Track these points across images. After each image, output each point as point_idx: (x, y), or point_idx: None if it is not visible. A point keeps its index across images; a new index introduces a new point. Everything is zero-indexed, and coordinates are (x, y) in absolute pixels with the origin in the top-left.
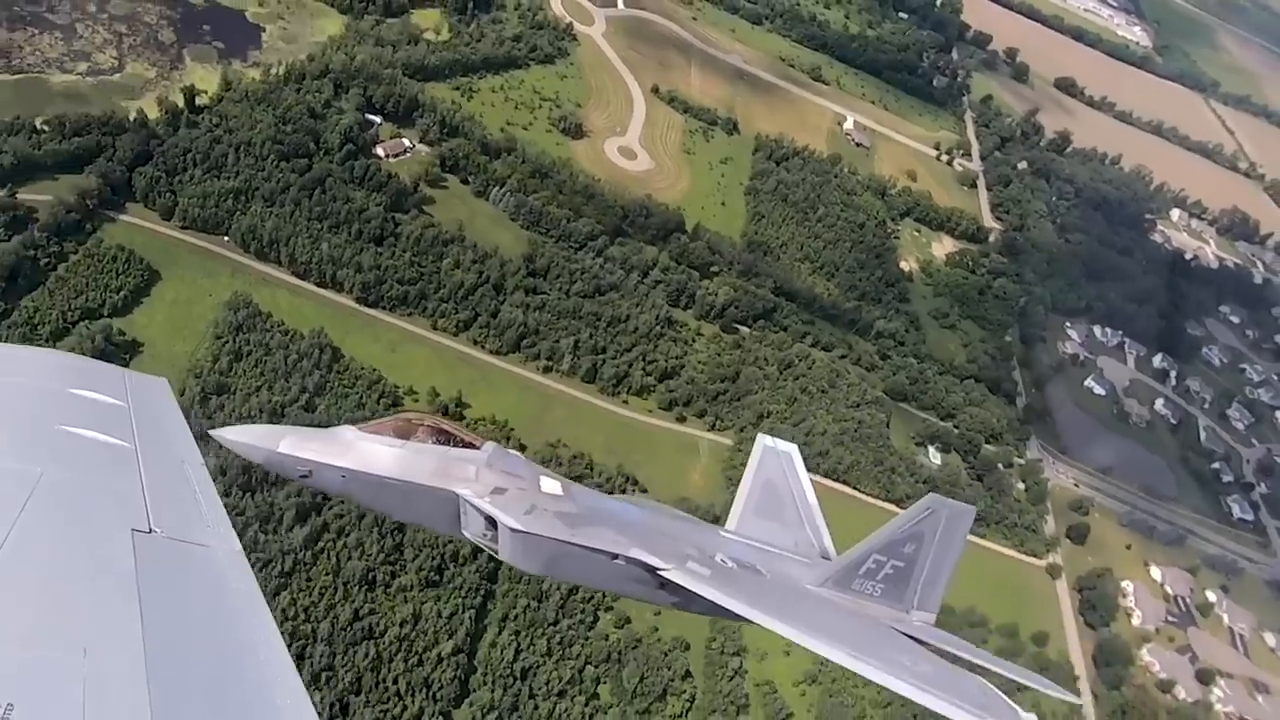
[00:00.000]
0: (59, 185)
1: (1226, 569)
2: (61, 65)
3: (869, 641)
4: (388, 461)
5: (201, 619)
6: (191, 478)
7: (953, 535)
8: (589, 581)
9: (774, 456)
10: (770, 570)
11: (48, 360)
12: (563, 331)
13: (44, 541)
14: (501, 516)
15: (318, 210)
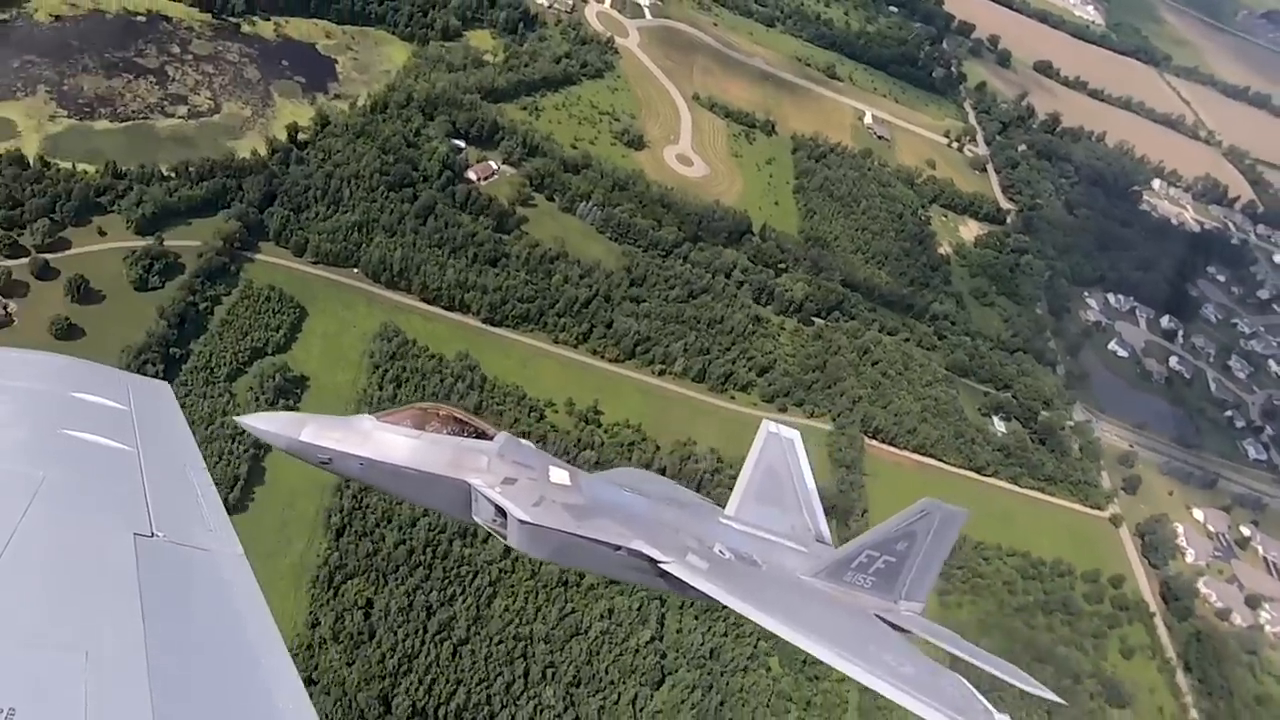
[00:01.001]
0: (195, 230)
1: (1253, 505)
2: (163, 110)
3: (856, 639)
4: (403, 451)
5: (203, 623)
6: (194, 482)
7: (944, 536)
8: (594, 569)
9: (777, 442)
10: (766, 561)
11: (50, 364)
12: (670, 336)
13: (46, 545)
14: (511, 507)
15: (436, 237)
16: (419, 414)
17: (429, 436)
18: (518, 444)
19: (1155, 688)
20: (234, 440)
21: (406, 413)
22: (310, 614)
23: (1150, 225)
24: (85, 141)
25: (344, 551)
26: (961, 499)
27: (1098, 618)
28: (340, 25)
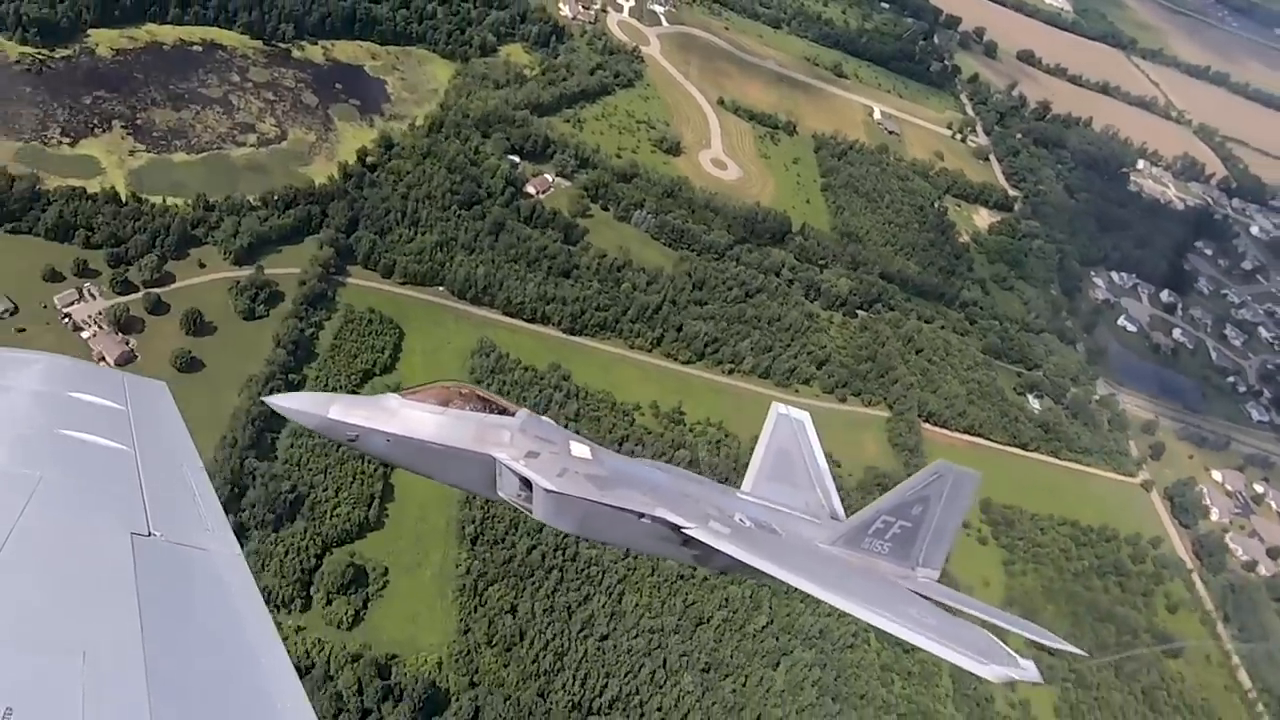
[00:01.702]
0: (286, 257)
1: (1262, 464)
2: (234, 139)
3: (878, 595)
4: (429, 427)
5: (201, 622)
6: (191, 481)
7: (958, 499)
8: (617, 540)
9: (787, 424)
10: (785, 530)
11: (46, 364)
12: (736, 336)
13: (43, 545)
14: (536, 478)
15: (511, 252)
16: (443, 391)
17: (453, 413)
18: (538, 420)
19: (1199, 638)
20: (365, 460)
21: (431, 390)
22: (461, 621)
23: (1142, 205)
24: (167, 174)
25: (482, 560)
26: (1011, 474)
27: (1144, 577)
28: (383, 46)
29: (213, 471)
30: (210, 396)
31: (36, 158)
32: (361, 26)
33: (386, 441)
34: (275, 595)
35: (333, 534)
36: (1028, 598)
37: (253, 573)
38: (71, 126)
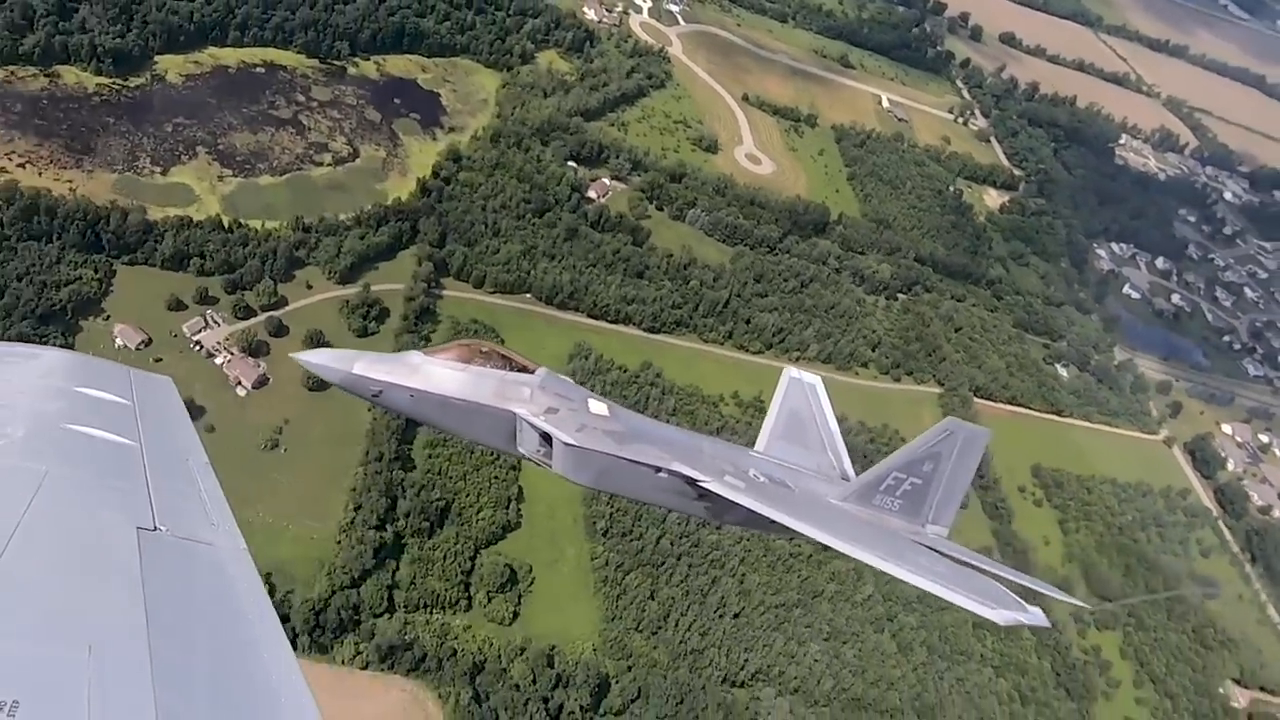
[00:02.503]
0: (384, 274)
1: (1264, 415)
2: (310, 159)
3: (890, 546)
4: (452, 383)
5: (206, 617)
6: (196, 476)
7: (967, 457)
8: (635, 493)
9: (799, 387)
10: (798, 486)
11: (53, 358)
12: (799, 325)
13: (49, 539)
14: (556, 433)
15: (589, 256)
16: (464, 349)
17: (475, 369)
18: (557, 378)
19: (1231, 579)
20: (499, 464)
21: (452, 348)
22: (606, 609)
23: (1131, 178)
24: (256, 198)
25: (615, 551)
26: (1053, 440)
27: (1178, 526)
28: (431, 58)
29: (367, 486)
30: (344, 413)
31: (133, 188)
32: (410, 40)
33: (410, 397)
34: (442, 598)
35: (481, 537)
36: (1084, 553)
37: (423, 576)
38: (160, 155)
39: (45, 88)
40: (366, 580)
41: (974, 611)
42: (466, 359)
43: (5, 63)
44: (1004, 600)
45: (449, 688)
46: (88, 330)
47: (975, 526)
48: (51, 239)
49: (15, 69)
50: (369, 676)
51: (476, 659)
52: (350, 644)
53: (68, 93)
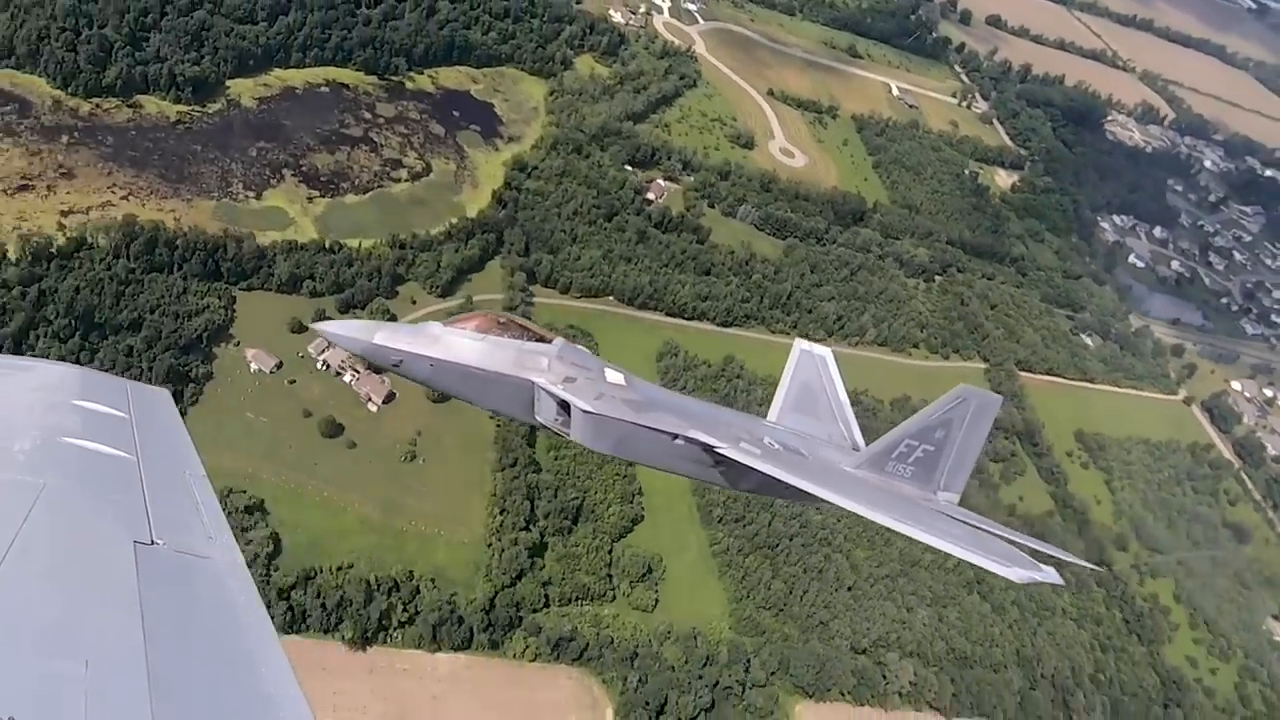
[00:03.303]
0: (476, 285)
1: (1265, 371)
2: (389, 175)
3: (907, 509)
4: (471, 353)
5: (203, 630)
6: (194, 489)
7: (979, 423)
8: (652, 461)
9: (809, 359)
10: (812, 454)
11: (50, 371)
12: (855, 312)
13: (46, 553)
14: (575, 400)
15: (663, 257)
16: (483, 319)
17: (493, 339)
18: (574, 348)
19: (1258, 525)
20: (619, 463)
21: (471, 319)
22: (733, 591)
23: (1123, 152)
24: (346, 217)
25: (733, 536)
26: (1088, 405)
27: (1206, 479)
28: (479, 69)
29: (508, 490)
30: (469, 423)
31: (231, 214)
32: (459, 53)
33: (430, 366)
34: (590, 590)
35: (613, 531)
36: (1132, 509)
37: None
38: (250, 180)
39: (131, 119)
40: (522, 579)
41: (992, 571)
42: (485, 329)
43: (89, 95)
44: (1019, 560)
45: (612, 673)
46: (221, 357)
47: (1035, 492)
48: (173, 270)
49: (99, 101)
50: (539, 668)
51: (630, 645)
52: (520, 639)
53: (152, 122)
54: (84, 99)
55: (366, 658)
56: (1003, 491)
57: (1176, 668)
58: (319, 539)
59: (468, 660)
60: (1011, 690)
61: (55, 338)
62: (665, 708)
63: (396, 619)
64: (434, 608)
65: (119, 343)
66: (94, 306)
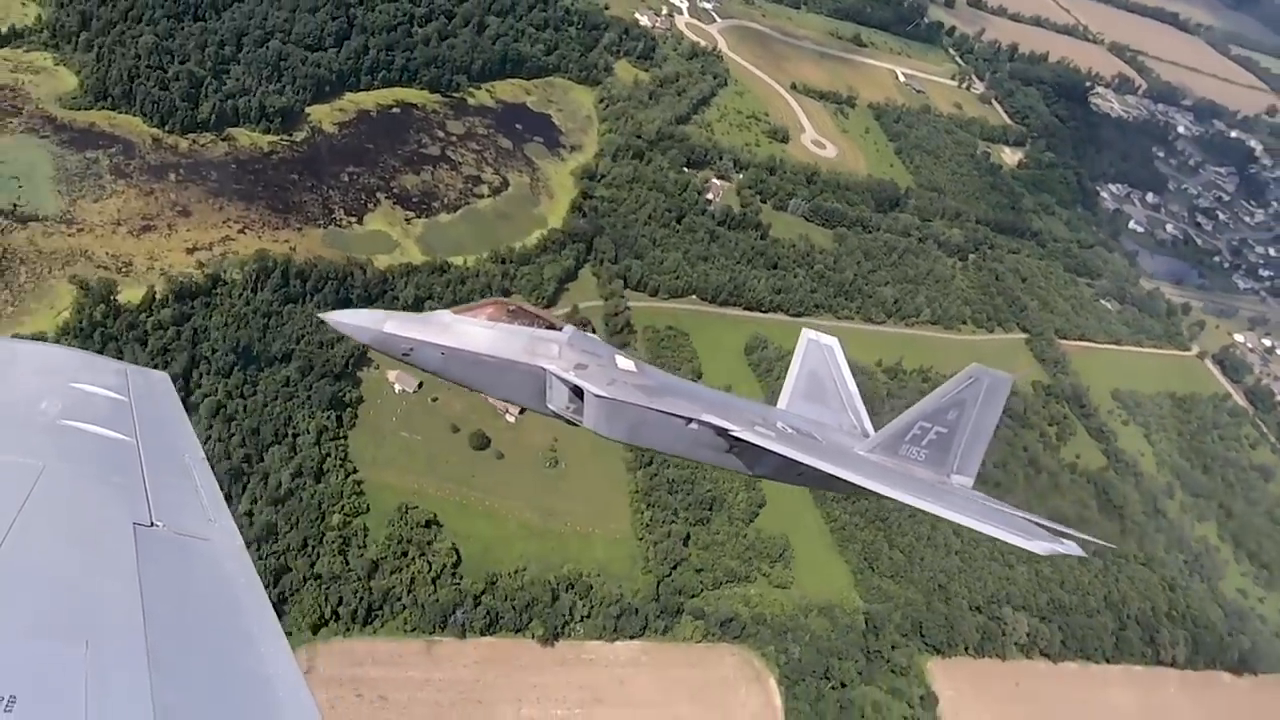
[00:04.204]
0: (573, 294)
1: (1260, 323)
2: (472, 192)
3: (924, 486)
4: (482, 341)
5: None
6: (193, 472)
7: (992, 403)
8: (666, 446)
9: (817, 349)
10: (824, 438)
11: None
12: (908, 294)
13: (46, 535)
14: (588, 386)
15: (735, 255)
16: (493, 308)
17: (504, 327)
18: (584, 335)
19: (1276, 465)
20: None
21: (482, 307)
22: (856, 564)
23: (1111, 123)
24: (443, 235)
25: (845, 513)
26: (1118, 366)
27: (1229, 426)
28: (529, 80)
29: (651, 487)
30: None
31: (339, 240)
32: (512, 66)
33: (441, 355)
34: (736, 573)
35: (743, 518)
36: (1172, 459)
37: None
38: (349, 205)
39: (227, 152)
40: (678, 568)
41: (1015, 544)
42: (496, 317)
43: (185, 131)
44: (1038, 534)
45: (769, 647)
46: (366, 379)
47: (1088, 450)
48: (307, 299)
49: (195, 137)
50: (704, 648)
51: (780, 620)
52: (688, 623)
53: (247, 154)
54: (181, 136)
55: (556, 652)
56: (1062, 451)
57: (1233, 599)
58: (490, 546)
59: (642, 646)
60: (1107, 632)
61: (219, 374)
62: (828, 672)
63: (578, 614)
64: (609, 601)
65: (274, 374)
66: (249, 341)
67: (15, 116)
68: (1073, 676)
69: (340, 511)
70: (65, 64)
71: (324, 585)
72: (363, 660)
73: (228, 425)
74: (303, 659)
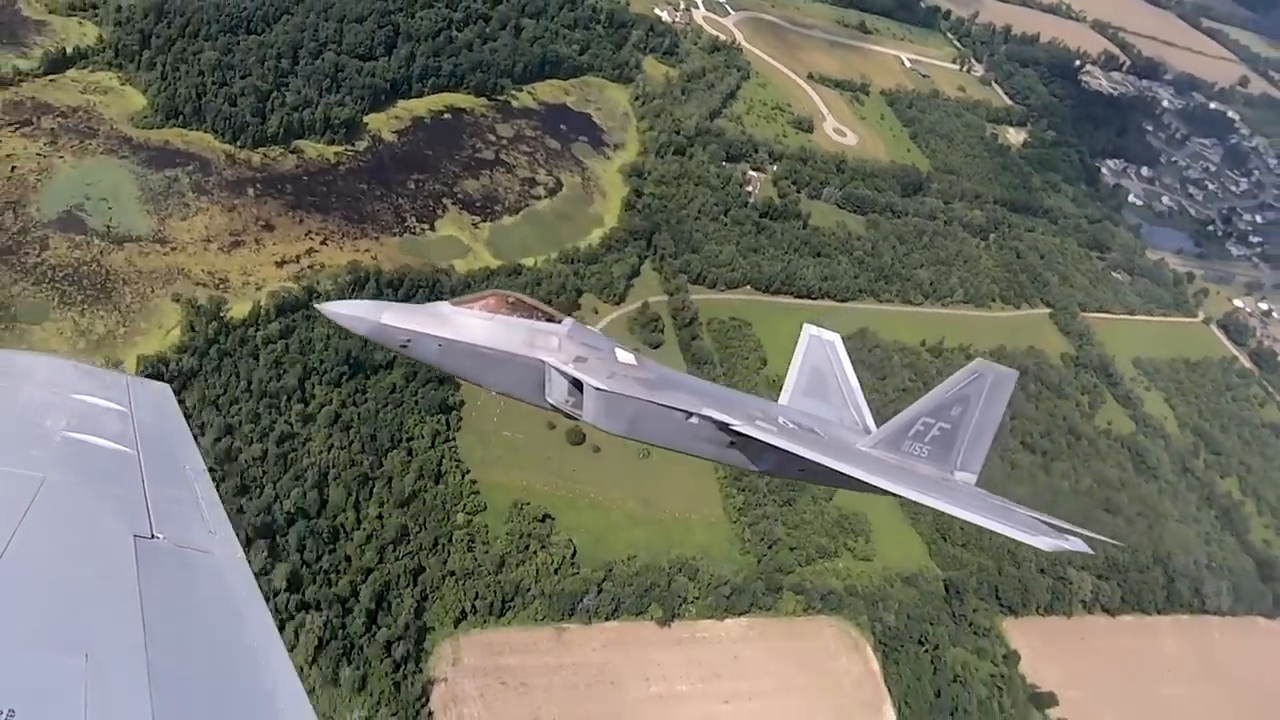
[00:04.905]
0: (639, 290)
1: (1256, 288)
2: (530, 194)
3: (928, 482)
4: (480, 333)
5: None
6: (194, 484)
7: (996, 399)
8: (666, 441)
9: (819, 344)
10: (826, 434)
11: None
12: (942, 275)
13: (46, 546)
14: (587, 379)
15: (782, 245)
16: (492, 299)
17: (503, 319)
18: (584, 328)
19: None
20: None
21: (480, 298)
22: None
23: (1104, 100)
24: (508, 238)
25: None
26: (1135, 335)
27: (1239, 387)
28: (566, 80)
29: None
30: None
31: (415, 247)
32: (550, 67)
33: (438, 347)
34: (824, 549)
35: (823, 496)
36: (1192, 420)
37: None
38: (419, 212)
39: (297, 165)
40: (773, 547)
41: (1021, 540)
42: (495, 309)
43: (256, 146)
44: (1042, 530)
45: (863, 616)
46: (464, 387)
47: (1118, 416)
48: None
49: (265, 151)
50: (804, 621)
51: (868, 591)
52: (790, 598)
53: (316, 166)
54: (252, 150)
55: (672, 632)
56: (1095, 419)
57: (1261, 550)
58: (600, 536)
59: (749, 622)
60: (1158, 586)
61: (331, 384)
62: (924, 638)
63: (690, 596)
64: (718, 582)
65: (380, 382)
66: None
67: (93, 138)
68: (1129, 628)
69: (462, 511)
70: (131, 83)
71: (460, 581)
72: (501, 650)
73: (346, 433)
74: (448, 652)
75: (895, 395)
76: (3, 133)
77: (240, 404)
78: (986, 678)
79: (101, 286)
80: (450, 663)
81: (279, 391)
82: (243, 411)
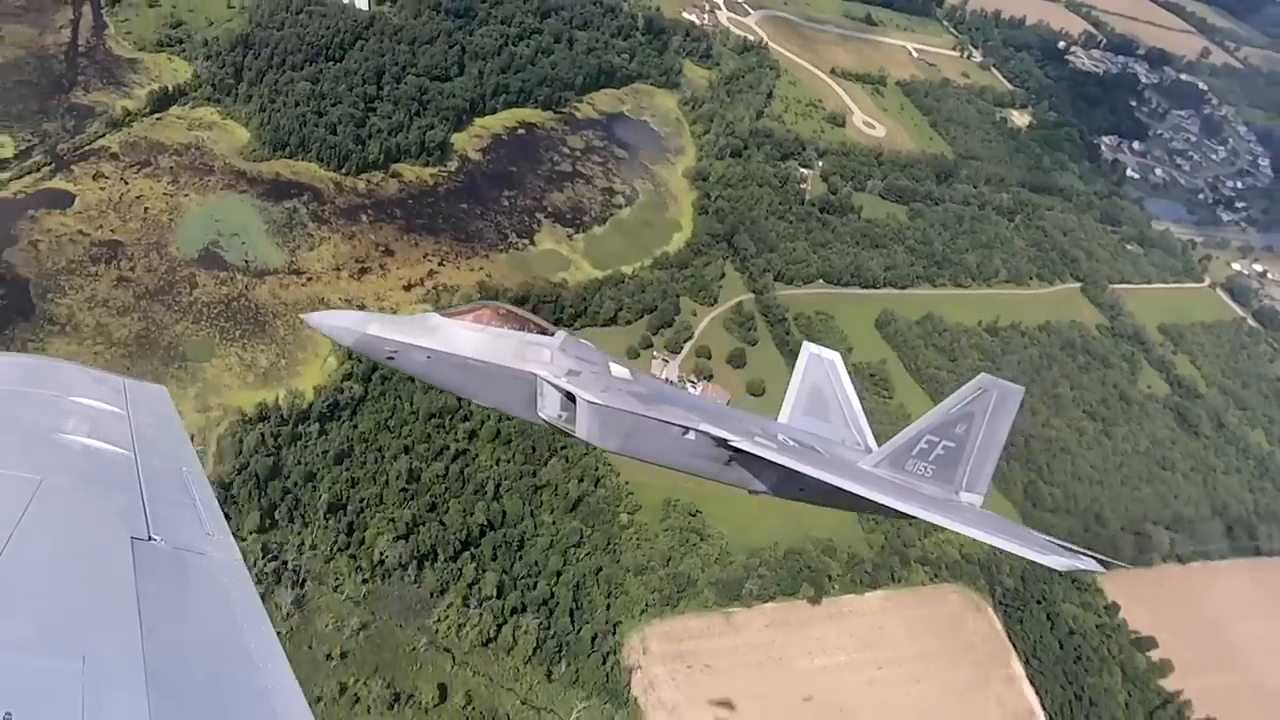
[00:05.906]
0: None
1: (1249, 250)
2: (612, 204)
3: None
4: (470, 344)
5: (201, 627)
6: (191, 486)
7: (1001, 415)
8: (661, 457)
9: (819, 363)
10: (828, 452)
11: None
12: (984, 258)
13: (43, 549)
14: (580, 393)
15: (846, 238)
16: (484, 310)
17: (494, 330)
18: (577, 341)
19: None
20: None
21: (470, 310)
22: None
23: (1093, 80)
24: (604, 248)
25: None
26: (1155, 303)
27: (1249, 346)
28: (618, 90)
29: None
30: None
31: (522, 263)
32: (604, 77)
33: (426, 359)
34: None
35: None
36: (1219, 379)
37: None
38: (518, 228)
39: (400, 188)
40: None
41: (1033, 559)
42: (485, 320)
43: (360, 172)
44: (1053, 549)
45: (979, 581)
46: None
47: (1154, 380)
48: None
49: (368, 176)
50: (930, 590)
51: (981, 558)
52: (919, 570)
53: (417, 189)
54: (355, 177)
55: (822, 609)
56: (1137, 384)
57: None
58: (742, 526)
59: (885, 594)
60: (1219, 534)
61: None
62: (1043, 597)
63: (834, 573)
64: (855, 560)
65: None
66: None
67: (210, 174)
68: (1198, 574)
69: (624, 511)
70: (232, 117)
71: (636, 576)
72: (681, 637)
73: (507, 447)
74: (638, 642)
75: (967, 375)
76: (127, 174)
77: (409, 425)
78: (1093, 628)
79: (254, 320)
80: (641, 651)
81: (442, 411)
82: (414, 433)
